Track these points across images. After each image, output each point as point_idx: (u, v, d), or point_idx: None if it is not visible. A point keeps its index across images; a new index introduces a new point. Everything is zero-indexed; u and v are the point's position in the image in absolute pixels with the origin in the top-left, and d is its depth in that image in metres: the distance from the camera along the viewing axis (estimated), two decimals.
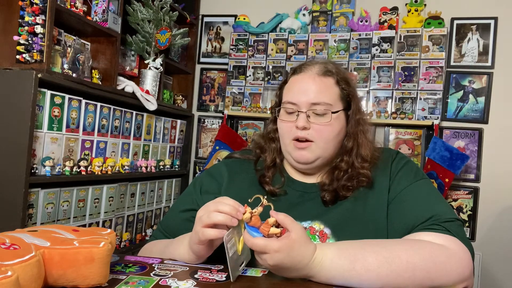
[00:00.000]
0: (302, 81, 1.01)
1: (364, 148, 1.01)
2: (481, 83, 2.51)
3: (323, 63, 1.04)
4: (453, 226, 0.87)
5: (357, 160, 1.00)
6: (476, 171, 2.49)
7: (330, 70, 1.02)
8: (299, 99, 0.98)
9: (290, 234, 0.77)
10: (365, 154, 1.00)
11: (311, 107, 0.97)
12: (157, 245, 1.02)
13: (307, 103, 0.98)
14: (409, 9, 2.58)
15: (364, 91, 2.58)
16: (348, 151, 1.01)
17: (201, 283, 0.77)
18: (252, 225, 0.78)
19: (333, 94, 1.00)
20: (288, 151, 1.02)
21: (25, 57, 1.64)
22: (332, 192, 0.99)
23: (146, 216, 2.45)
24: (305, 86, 0.99)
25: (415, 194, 0.95)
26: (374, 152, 1.02)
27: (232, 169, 1.10)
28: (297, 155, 1.00)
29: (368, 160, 1.00)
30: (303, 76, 1.01)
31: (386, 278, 0.79)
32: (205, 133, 2.98)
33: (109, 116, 2.07)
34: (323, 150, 0.99)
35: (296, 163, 1.02)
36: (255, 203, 0.81)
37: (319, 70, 1.01)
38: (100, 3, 2.03)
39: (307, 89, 0.99)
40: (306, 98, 0.98)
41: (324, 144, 0.99)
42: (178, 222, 1.04)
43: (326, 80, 1.00)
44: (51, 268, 0.66)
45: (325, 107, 0.98)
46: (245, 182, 1.06)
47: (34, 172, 1.65)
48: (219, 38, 3.01)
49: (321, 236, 0.95)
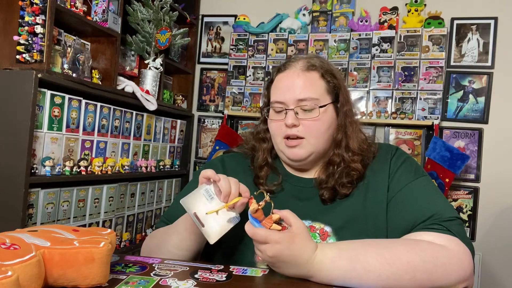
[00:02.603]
0: (287, 78, 1.00)
1: (352, 140, 1.00)
2: (481, 83, 2.51)
3: (306, 58, 1.03)
4: (453, 225, 0.87)
5: (347, 154, 0.99)
6: (476, 171, 2.49)
7: (314, 64, 1.01)
8: (285, 96, 0.98)
9: (292, 228, 0.78)
10: (353, 146, 1.00)
11: (298, 104, 0.97)
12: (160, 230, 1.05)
13: (294, 99, 0.97)
14: (409, 9, 2.58)
15: (364, 91, 2.58)
16: (338, 143, 1.01)
17: (201, 283, 0.77)
18: (255, 217, 0.80)
19: (319, 88, 0.99)
20: (280, 149, 1.02)
21: (25, 57, 1.64)
22: (331, 190, 0.99)
23: (146, 216, 2.45)
24: (290, 83, 0.99)
25: (415, 192, 0.95)
26: (362, 144, 1.01)
27: (228, 165, 1.10)
28: (290, 153, 0.99)
29: (357, 152, 1.00)
30: (287, 73, 1.01)
31: (386, 279, 0.78)
32: (205, 133, 2.98)
33: (109, 116, 2.07)
34: (315, 146, 0.99)
35: (290, 161, 1.02)
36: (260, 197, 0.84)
37: (303, 66, 1.01)
38: (100, 3, 2.03)
39: (292, 86, 0.98)
40: (292, 95, 0.97)
41: (315, 140, 0.98)
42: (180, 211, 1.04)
43: (310, 75, 0.99)
44: (51, 268, 0.66)
45: (312, 102, 0.97)
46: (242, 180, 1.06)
47: (34, 172, 1.65)
48: (219, 38, 3.01)
49: (321, 234, 0.95)
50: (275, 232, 0.77)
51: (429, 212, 0.89)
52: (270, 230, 0.77)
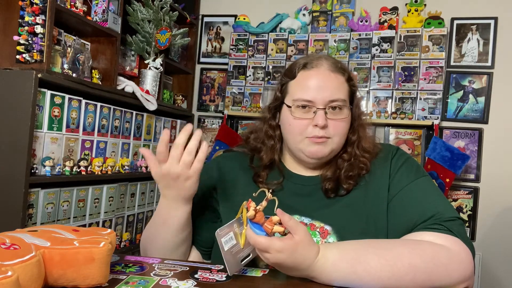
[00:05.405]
0: (316, 77, 0.98)
1: (365, 141, 1.02)
2: (481, 83, 2.51)
3: (328, 58, 1.03)
4: (454, 225, 0.87)
5: (359, 150, 1.01)
6: (476, 171, 2.49)
7: (342, 68, 1.02)
8: (316, 96, 0.96)
9: (294, 236, 0.77)
10: (367, 146, 1.02)
11: (328, 104, 0.96)
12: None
13: (325, 100, 0.96)
14: (409, 9, 2.58)
15: (364, 91, 2.58)
16: (351, 143, 1.02)
17: (201, 283, 0.77)
18: (255, 222, 0.78)
19: (345, 91, 1.00)
20: (299, 148, 0.99)
21: (25, 57, 1.64)
22: (334, 181, 0.99)
23: (146, 216, 2.45)
24: (321, 83, 0.97)
25: (416, 192, 0.95)
26: (375, 146, 1.04)
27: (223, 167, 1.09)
28: (313, 150, 0.97)
29: (369, 151, 1.01)
30: (316, 72, 0.99)
31: (387, 281, 0.79)
32: (205, 133, 2.98)
33: (109, 116, 2.07)
34: (337, 145, 1.00)
35: (309, 159, 1.00)
36: (260, 197, 0.81)
37: (331, 66, 1.00)
38: (100, 3, 2.03)
39: (324, 86, 0.97)
40: (323, 95, 0.96)
41: (339, 140, 0.99)
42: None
43: (339, 77, 1.00)
44: (51, 268, 0.66)
45: (342, 104, 0.98)
46: (241, 179, 1.06)
47: (34, 172, 1.64)
48: (219, 38, 3.01)
49: (321, 233, 0.95)
50: (277, 241, 0.75)
51: (430, 212, 0.89)
52: (272, 239, 0.76)
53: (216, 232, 0.78)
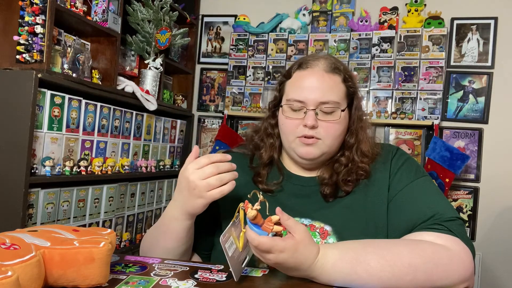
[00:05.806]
0: (310, 77, 0.97)
1: (364, 144, 1.00)
2: (481, 83, 2.51)
3: (328, 58, 1.02)
4: (454, 225, 0.87)
5: (357, 155, 0.99)
6: (476, 171, 2.49)
7: (338, 67, 1.00)
8: (307, 96, 0.96)
9: (294, 236, 0.77)
10: (366, 149, 1.00)
11: (319, 105, 0.96)
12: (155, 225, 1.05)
13: (316, 101, 0.95)
14: (409, 9, 2.58)
15: (364, 91, 2.58)
16: (349, 146, 1.01)
17: (201, 283, 0.77)
18: (255, 223, 0.78)
19: (340, 92, 0.98)
20: (292, 148, 1.00)
21: (25, 57, 1.64)
22: (332, 186, 0.98)
23: (146, 216, 2.45)
24: (313, 84, 0.97)
25: (416, 192, 0.95)
26: (374, 148, 1.02)
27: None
28: (303, 152, 0.98)
29: (368, 155, 1.00)
30: (310, 72, 0.98)
31: (388, 281, 0.79)
32: (205, 133, 2.98)
33: (109, 116, 2.07)
34: (329, 147, 0.98)
35: (301, 159, 1.00)
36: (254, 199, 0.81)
37: (326, 67, 0.99)
38: (100, 3, 2.03)
39: (316, 87, 0.96)
40: (314, 96, 0.95)
41: (331, 142, 0.98)
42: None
43: (334, 78, 0.98)
44: (51, 268, 0.66)
45: (334, 105, 0.96)
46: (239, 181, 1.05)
47: (34, 172, 1.64)
48: (219, 38, 3.01)
49: (321, 233, 0.94)
50: (279, 241, 0.75)
51: (430, 212, 0.89)
52: (274, 239, 0.75)
53: (220, 238, 0.77)
